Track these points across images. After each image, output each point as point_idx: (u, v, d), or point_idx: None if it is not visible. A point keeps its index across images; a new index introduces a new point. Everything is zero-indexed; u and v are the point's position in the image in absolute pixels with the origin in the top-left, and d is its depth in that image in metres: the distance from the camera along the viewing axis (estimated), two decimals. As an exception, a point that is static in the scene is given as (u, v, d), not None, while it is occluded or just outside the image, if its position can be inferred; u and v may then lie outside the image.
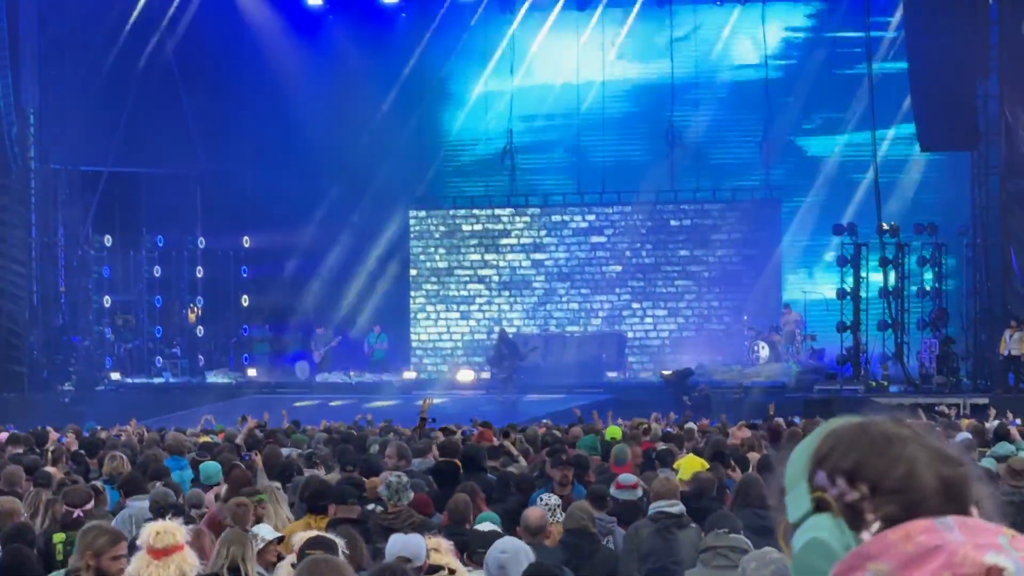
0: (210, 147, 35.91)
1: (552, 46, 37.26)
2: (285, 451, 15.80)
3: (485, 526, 9.55)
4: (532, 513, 9.43)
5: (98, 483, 12.34)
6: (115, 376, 35.27)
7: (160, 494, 11.00)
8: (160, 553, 7.23)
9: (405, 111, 37.50)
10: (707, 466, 12.57)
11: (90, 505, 10.32)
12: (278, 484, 11.29)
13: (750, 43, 36.45)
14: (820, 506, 2.03)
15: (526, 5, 37.22)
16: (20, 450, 15.92)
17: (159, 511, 9.80)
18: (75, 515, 9.89)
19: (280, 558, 8.42)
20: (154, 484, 11.90)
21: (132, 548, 7.54)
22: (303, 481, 11.45)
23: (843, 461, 2.04)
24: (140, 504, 11.18)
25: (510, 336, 33.93)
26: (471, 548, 8.55)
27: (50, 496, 11.21)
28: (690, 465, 12.71)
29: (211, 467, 13.42)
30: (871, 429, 2.07)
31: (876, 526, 1.99)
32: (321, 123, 35.88)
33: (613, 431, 17.38)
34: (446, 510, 10.12)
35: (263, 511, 9.85)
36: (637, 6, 36.60)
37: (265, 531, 8.94)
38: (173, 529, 7.40)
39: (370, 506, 10.68)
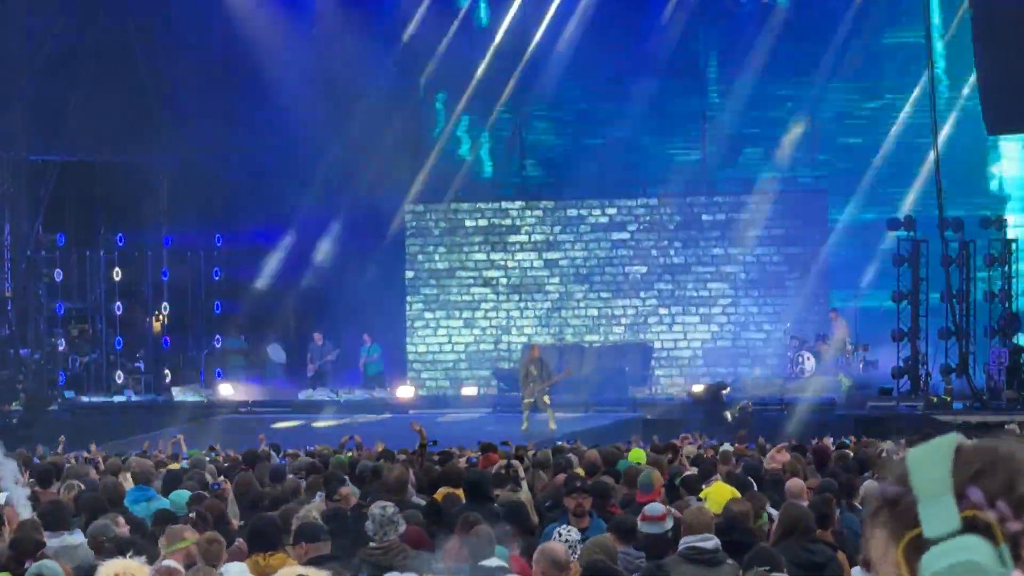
0: (177, 132, 35.90)
1: (565, 19, 37.16)
2: None
3: (492, 562, 9.54)
4: (556, 548, 9.38)
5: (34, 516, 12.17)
6: (70, 394, 35.31)
7: (99, 528, 10.87)
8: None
9: (400, 93, 37.49)
10: (738, 494, 12.50)
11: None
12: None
13: (791, 14, 36.28)
14: (971, 526, 2.01)
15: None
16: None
17: (99, 548, 9.76)
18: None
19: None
20: (112, 515, 11.81)
21: None
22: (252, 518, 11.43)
23: (1019, 486, 2.03)
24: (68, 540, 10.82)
25: (542, 357, 32.28)
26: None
27: None
28: (719, 494, 12.63)
29: (180, 496, 13.45)
30: None
31: None
32: (305, 105, 35.77)
33: (636, 454, 17.34)
34: (469, 547, 10.03)
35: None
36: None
37: (236, 570, 8.98)
38: (133, 569, 7.43)
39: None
